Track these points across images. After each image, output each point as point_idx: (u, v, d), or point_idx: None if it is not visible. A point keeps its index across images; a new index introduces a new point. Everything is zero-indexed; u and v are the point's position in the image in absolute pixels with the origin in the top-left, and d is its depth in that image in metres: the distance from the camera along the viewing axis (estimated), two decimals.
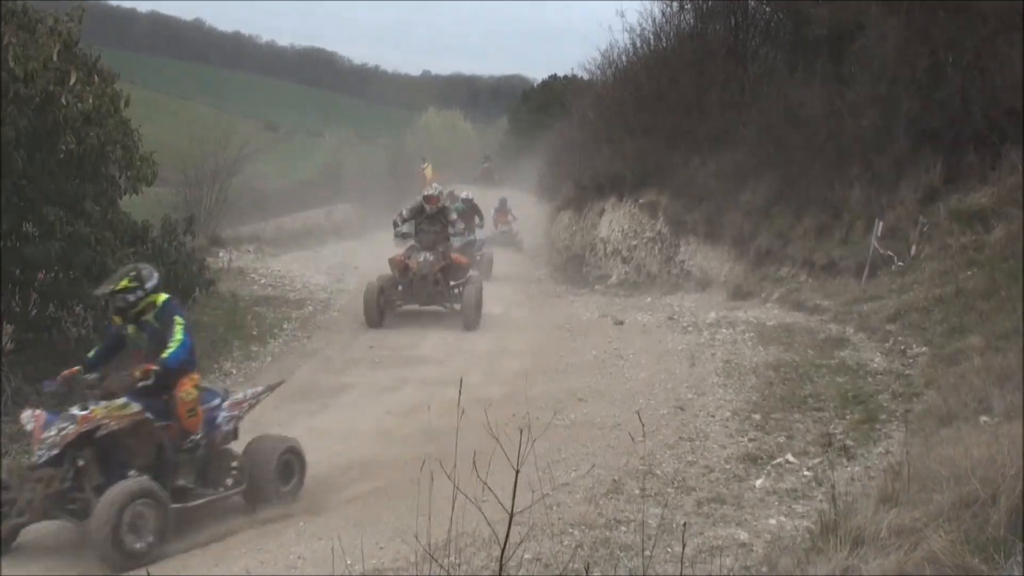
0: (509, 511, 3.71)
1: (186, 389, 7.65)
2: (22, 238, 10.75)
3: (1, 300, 10.58)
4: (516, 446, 3.84)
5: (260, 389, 8.87)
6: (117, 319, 7.88)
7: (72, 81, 10.61)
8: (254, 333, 14.29)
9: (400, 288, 15.64)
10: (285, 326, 14.98)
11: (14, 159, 10.03)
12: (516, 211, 29.92)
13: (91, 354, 7.93)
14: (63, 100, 10.37)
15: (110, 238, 11.03)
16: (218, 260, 18.53)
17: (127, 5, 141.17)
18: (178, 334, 7.58)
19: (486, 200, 26.85)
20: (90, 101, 10.73)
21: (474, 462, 4.11)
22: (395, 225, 16.57)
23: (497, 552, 5.75)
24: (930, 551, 4.35)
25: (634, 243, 21.12)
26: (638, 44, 24.99)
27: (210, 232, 23.80)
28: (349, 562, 5.82)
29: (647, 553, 5.85)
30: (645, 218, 20.84)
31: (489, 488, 4.04)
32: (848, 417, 8.72)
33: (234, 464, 8.08)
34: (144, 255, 11.56)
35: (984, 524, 4.54)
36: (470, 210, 22.80)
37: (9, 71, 10.13)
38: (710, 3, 21.39)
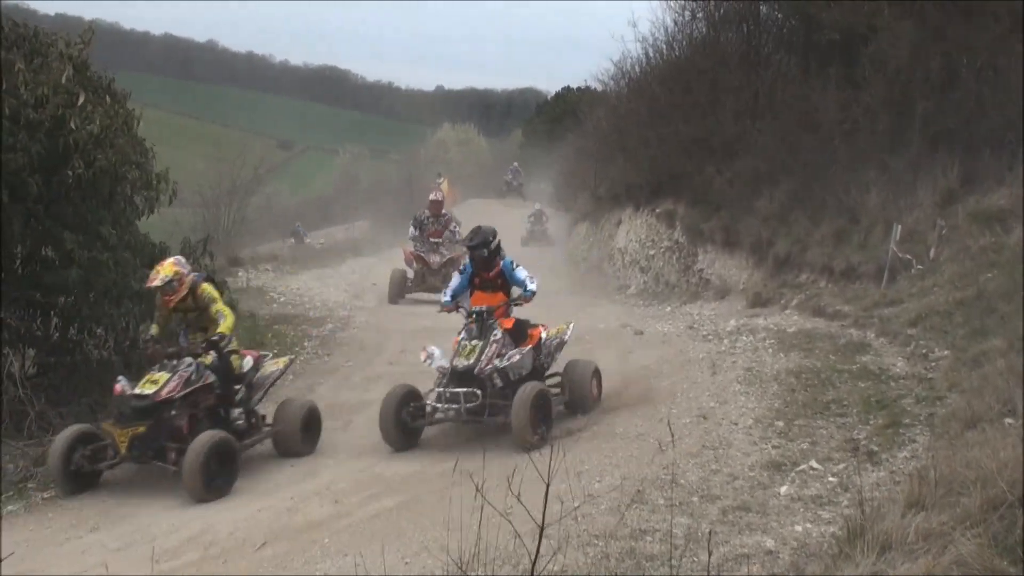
0: (539, 524, 3.69)
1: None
2: (42, 264, 10.79)
3: (15, 324, 10.63)
4: (542, 459, 3.83)
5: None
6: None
7: (81, 102, 10.62)
8: (275, 351, 14.32)
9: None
10: (306, 344, 15.02)
11: (29, 185, 10.05)
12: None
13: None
14: (72, 123, 10.38)
15: (129, 259, 11.05)
16: (237, 279, 18.61)
17: (141, 28, 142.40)
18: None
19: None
20: (98, 122, 10.72)
21: (509, 478, 4.10)
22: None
23: (523, 565, 5.76)
24: (958, 555, 4.33)
25: (652, 253, 21.11)
26: (651, 54, 24.98)
27: (228, 252, 23.99)
28: None
29: (673, 563, 5.83)
30: (662, 227, 20.82)
31: (520, 502, 4.03)
32: (872, 422, 8.67)
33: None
34: None
35: (1012, 526, 4.51)
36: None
37: (19, 97, 10.17)
38: (722, 11, 21.34)
